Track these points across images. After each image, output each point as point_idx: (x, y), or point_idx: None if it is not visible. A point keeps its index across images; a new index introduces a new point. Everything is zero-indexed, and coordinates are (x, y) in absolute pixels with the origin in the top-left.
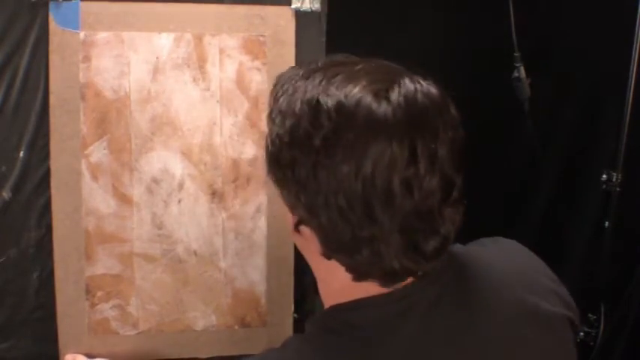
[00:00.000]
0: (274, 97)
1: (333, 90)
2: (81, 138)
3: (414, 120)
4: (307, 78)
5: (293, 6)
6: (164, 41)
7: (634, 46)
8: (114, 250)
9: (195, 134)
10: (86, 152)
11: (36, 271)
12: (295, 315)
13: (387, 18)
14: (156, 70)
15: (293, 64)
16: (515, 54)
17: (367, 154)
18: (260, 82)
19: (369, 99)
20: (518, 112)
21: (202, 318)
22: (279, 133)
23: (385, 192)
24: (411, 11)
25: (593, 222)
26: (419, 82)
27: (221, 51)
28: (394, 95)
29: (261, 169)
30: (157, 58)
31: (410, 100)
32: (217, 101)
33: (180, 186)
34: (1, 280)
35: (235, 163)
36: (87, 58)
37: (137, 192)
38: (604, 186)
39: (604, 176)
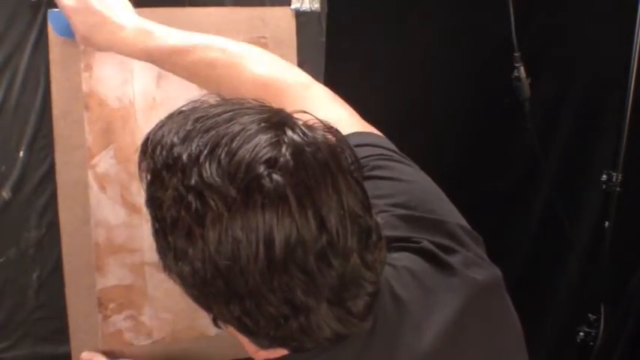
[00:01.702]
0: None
1: (214, 169)
2: (86, 149)
3: (309, 186)
4: (179, 154)
5: (293, 6)
6: None
7: (634, 46)
8: (125, 260)
9: None
10: (92, 163)
11: (36, 271)
12: None
13: (387, 18)
14: (160, 77)
15: (295, 64)
16: (515, 54)
17: (272, 237)
18: None
19: (258, 168)
20: (518, 112)
21: None
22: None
23: (302, 274)
24: (411, 11)
25: (593, 222)
26: (302, 134)
27: None
28: (282, 159)
29: None
30: None
31: (300, 163)
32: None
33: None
34: (1, 280)
35: None
36: (88, 67)
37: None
38: (604, 186)
39: (604, 176)
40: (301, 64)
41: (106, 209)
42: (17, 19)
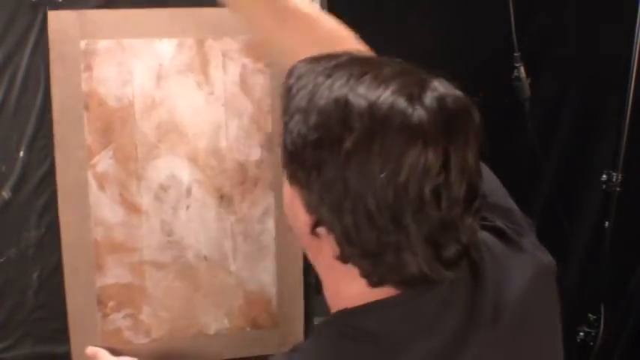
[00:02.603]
0: (288, 91)
1: (362, 90)
2: (86, 148)
3: (447, 126)
4: (329, 75)
5: None
6: (166, 47)
7: (634, 46)
8: (124, 259)
9: (201, 139)
10: (92, 162)
11: (36, 271)
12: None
13: (387, 18)
14: (159, 77)
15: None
16: (515, 54)
17: (403, 160)
18: (263, 83)
19: (402, 103)
20: (518, 112)
21: (214, 322)
22: (301, 132)
23: (416, 199)
24: (411, 11)
25: (593, 222)
26: (448, 87)
27: (224, 54)
28: (427, 100)
29: (268, 171)
30: (160, 64)
31: (443, 106)
32: (222, 105)
33: (188, 192)
34: (1, 280)
35: (242, 166)
36: (88, 67)
37: (145, 200)
38: (604, 186)
39: (604, 176)
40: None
41: (106, 208)
42: (17, 19)
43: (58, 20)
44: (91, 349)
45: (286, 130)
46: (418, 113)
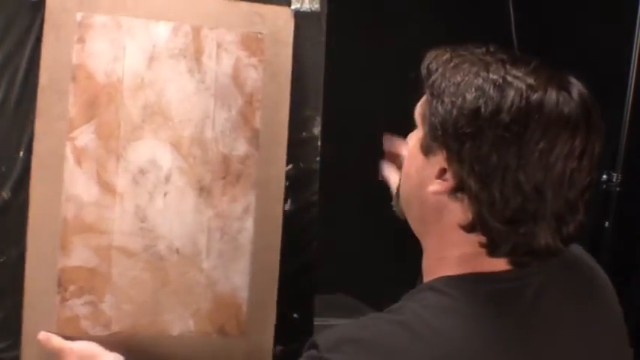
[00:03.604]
0: (429, 69)
1: (518, 74)
2: (68, 120)
3: (589, 119)
4: (481, 59)
5: (293, 7)
6: (162, 30)
7: (634, 46)
8: (91, 241)
9: (186, 126)
10: (72, 135)
11: None
12: (296, 315)
13: (387, 18)
14: (151, 58)
15: (290, 63)
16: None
17: (555, 141)
18: (255, 79)
19: (554, 91)
20: None
21: (179, 322)
22: (457, 104)
23: (558, 178)
24: (411, 11)
25: (593, 222)
26: (580, 84)
27: (218, 45)
28: (574, 93)
29: (252, 168)
30: (154, 46)
31: (584, 100)
32: (212, 95)
33: (167, 179)
34: (1, 280)
35: (226, 159)
36: (81, 40)
37: (122, 181)
38: (604, 186)
39: (604, 176)
40: (301, 64)
41: (80, 185)
42: (17, 19)
43: None
44: (43, 334)
45: (439, 103)
46: (569, 103)
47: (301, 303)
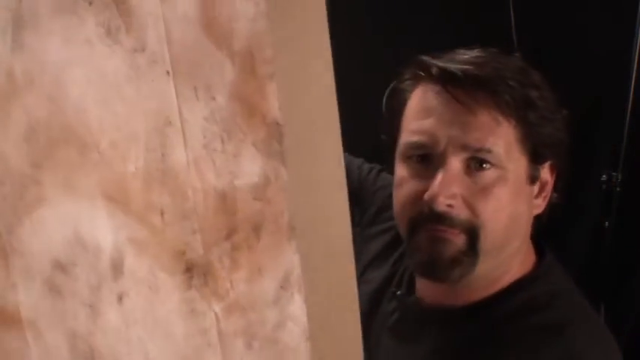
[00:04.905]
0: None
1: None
2: None
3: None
4: (501, 63)
5: None
6: None
7: (634, 46)
8: None
9: (128, 151)
10: None
11: None
12: None
13: (387, 18)
14: (19, 25)
15: None
16: (515, 54)
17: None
18: (253, 17)
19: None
20: None
21: None
22: (549, 107)
23: None
24: (411, 12)
25: (593, 222)
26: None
27: None
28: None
29: (282, 203)
30: None
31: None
32: (167, 73)
33: (116, 267)
34: None
35: (224, 199)
36: None
37: (27, 299)
38: (604, 186)
39: (604, 176)
40: None
41: None
42: None
43: None
44: None
45: (536, 116)
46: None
47: None
